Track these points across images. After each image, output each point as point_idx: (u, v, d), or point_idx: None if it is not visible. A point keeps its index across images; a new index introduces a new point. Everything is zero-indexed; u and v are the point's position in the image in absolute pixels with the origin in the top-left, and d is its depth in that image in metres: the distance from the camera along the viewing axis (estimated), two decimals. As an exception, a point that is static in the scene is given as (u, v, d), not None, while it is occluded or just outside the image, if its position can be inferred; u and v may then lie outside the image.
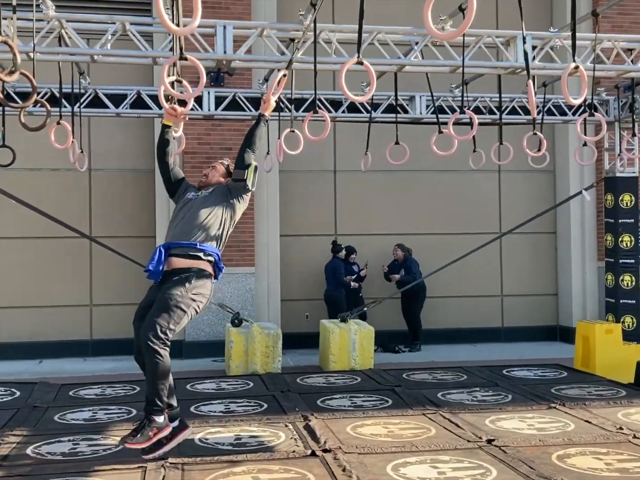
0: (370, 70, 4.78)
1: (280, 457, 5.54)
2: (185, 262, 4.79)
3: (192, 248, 4.82)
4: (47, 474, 5.19)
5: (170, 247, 4.82)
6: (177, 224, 4.96)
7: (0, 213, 10.50)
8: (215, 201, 5.00)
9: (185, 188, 5.21)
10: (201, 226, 4.88)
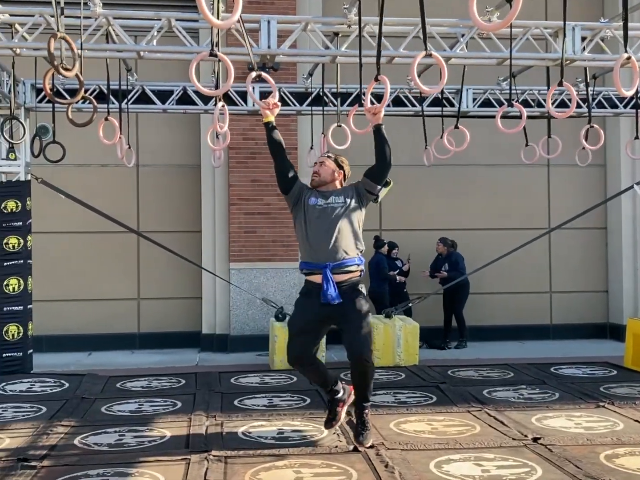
0: (440, 62, 4.75)
1: (323, 452, 5.53)
2: (347, 276, 5.08)
3: (352, 265, 5.08)
4: (93, 464, 5.26)
5: (333, 268, 5.02)
6: (321, 238, 5.03)
7: (51, 208, 10.70)
8: (353, 212, 5.10)
9: (301, 189, 5.19)
10: (349, 240, 5.06)
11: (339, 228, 5.03)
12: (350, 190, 5.20)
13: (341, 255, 5.03)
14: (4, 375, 8.64)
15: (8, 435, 6.10)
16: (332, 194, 5.15)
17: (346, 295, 5.05)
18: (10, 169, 9.00)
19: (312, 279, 5.12)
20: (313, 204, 5.11)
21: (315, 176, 5.20)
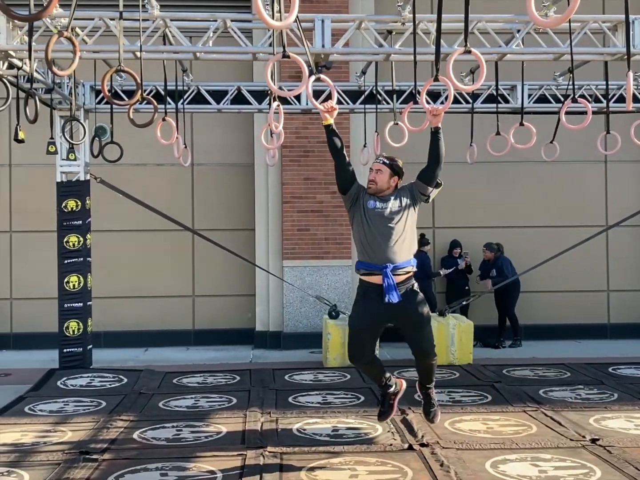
0: (480, 59, 4.70)
1: (378, 449, 5.55)
2: (403, 277, 5.18)
3: (408, 266, 5.21)
4: (152, 458, 5.39)
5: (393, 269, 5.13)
6: (381, 240, 5.12)
7: (108, 207, 10.94)
8: (409, 215, 5.20)
9: (358, 191, 5.25)
10: (406, 243, 5.18)
11: (397, 231, 5.13)
12: (405, 193, 5.25)
13: (399, 257, 5.13)
14: (65, 370, 8.88)
15: (70, 429, 6.28)
16: (390, 197, 5.20)
17: (405, 295, 5.15)
18: (70, 169, 9.23)
19: (370, 280, 5.18)
20: (372, 207, 5.18)
21: (372, 184, 5.22)
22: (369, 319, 5.22)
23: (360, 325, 5.25)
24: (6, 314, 11.55)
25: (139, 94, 5.03)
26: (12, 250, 11.63)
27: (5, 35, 6.44)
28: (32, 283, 11.51)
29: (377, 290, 5.11)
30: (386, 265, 5.08)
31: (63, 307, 9.14)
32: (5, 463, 5.32)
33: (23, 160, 11.47)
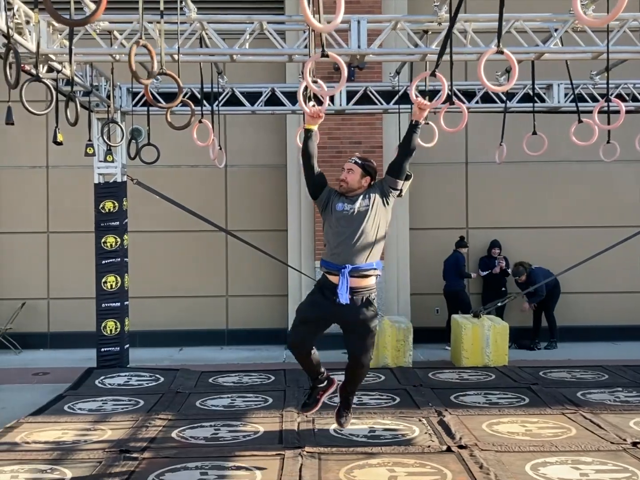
0: (512, 60, 4.66)
1: (416, 451, 5.53)
2: (363, 281, 5.11)
3: (370, 270, 5.10)
4: (191, 457, 5.43)
5: (352, 270, 5.06)
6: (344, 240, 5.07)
7: (145, 208, 11.06)
8: (377, 214, 5.11)
9: (329, 194, 5.23)
10: (372, 244, 5.09)
11: (362, 232, 5.07)
12: (374, 190, 5.18)
13: (360, 259, 5.07)
14: (103, 369, 8.99)
15: (110, 427, 6.35)
16: (358, 197, 5.15)
17: (358, 302, 5.11)
18: (107, 171, 9.35)
19: (330, 278, 5.17)
20: (340, 210, 5.14)
21: (342, 183, 5.19)
22: (317, 313, 5.22)
23: (306, 316, 5.26)
24: (44, 313, 11.73)
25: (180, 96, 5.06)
26: (49, 251, 11.81)
27: (46, 39, 6.55)
28: (69, 283, 11.68)
29: (332, 289, 5.07)
30: (345, 265, 5.04)
31: (101, 306, 9.26)
32: (47, 461, 5.40)
33: (60, 162, 11.64)
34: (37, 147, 11.70)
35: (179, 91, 5.17)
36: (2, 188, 11.80)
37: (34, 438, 6.02)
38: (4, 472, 5.13)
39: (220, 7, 10.77)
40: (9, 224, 11.69)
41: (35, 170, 11.83)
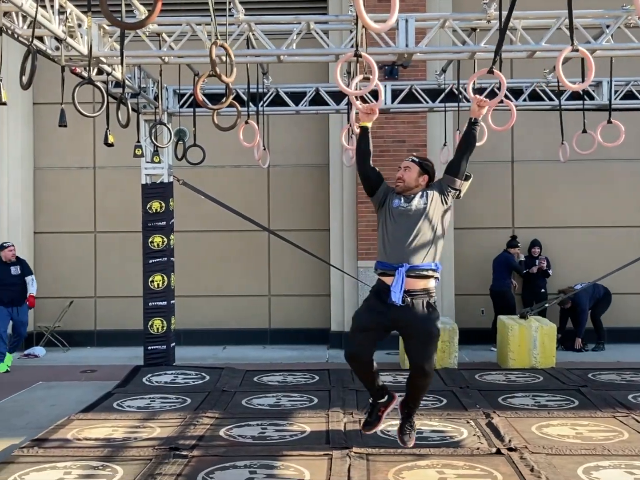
0: (588, 57, 4.58)
1: (465, 453, 5.48)
2: (421, 282, 4.92)
3: (428, 270, 4.93)
4: (239, 456, 5.46)
5: (408, 270, 4.88)
6: (401, 239, 4.93)
7: (189, 208, 11.16)
8: (435, 213, 4.97)
9: (386, 191, 5.13)
10: (429, 243, 4.92)
11: (418, 231, 4.92)
12: (432, 189, 5.06)
13: (417, 258, 4.88)
14: (149, 367, 9.10)
15: (158, 425, 6.42)
16: (415, 196, 5.03)
17: (417, 305, 4.91)
18: (154, 172, 9.47)
19: (385, 280, 4.98)
20: (396, 206, 5.03)
21: (399, 182, 5.08)
22: (373, 319, 4.99)
23: (362, 323, 5.04)
24: (91, 311, 11.92)
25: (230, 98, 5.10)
26: (96, 250, 12.00)
27: (97, 42, 6.65)
28: (115, 282, 11.86)
29: (388, 291, 4.87)
30: (402, 264, 4.85)
31: (148, 305, 9.37)
32: (99, 457, 5.48)
33: (107, 163, 11.83)
34: (85, 148, 11.90)
35: (227, 93, 5.20)
36: (51, 188, 12.03)
37: (85, 435, 6.11)
38: (57, 468, 5.23)
39: (263, 7, 10.84)
40: (57, 223, 11.91)
41: (83, 171, 12.04)
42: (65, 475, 5.08)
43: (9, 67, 10.97)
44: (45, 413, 7.18)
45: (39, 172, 12.05)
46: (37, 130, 11.96)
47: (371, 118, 5.12)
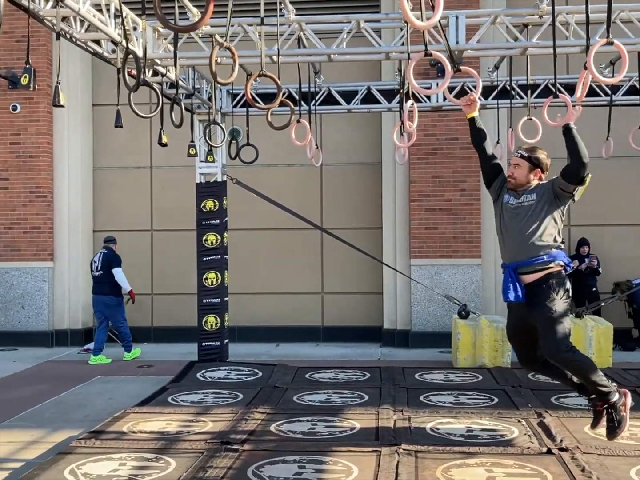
0: (622, 51, 4.51)
1: (515, 452, 5.45)
2: (538, 275, 4.95)
3: (540, 263, 4.95)
4: (289, 451, 5.53)
5: (518, 267, 4.98)
6: (511, 236, 5.01)
7: (242, 206, 11.31)
8: (545, 210, 4.96)
9: (502, 183, 5.19)
10: (540, 239, 4.94)
11: (526, 227, 4.93)
12: (544, 188, 5.03)
13: (528, 254, 4.92)
14: (203, 363, 9.27)
15: (211, 419, 6.56)
16: (525, 192, 5.03)
17: (535, 294, 4.92)
18: (208, 171, 9.63)
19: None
20: (506, 202, 5.08)
21: (511, 179, 5.08)
22: (514, 320, 5.21)
23: (509, 328, 5.29)
24: (147, 308, 12.19)
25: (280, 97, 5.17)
26: (152, 248, 12.27)
27: (152, 44, 6.81)
28: (171, 279, 12.10)
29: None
30: (511, 264, 4.98)
31: (202, 302, 9.54)
32: (153, 450, 5.62)
33: (162, 163, 12.08)
34: (142, 148, 12.17)
35: (278, 92, 5.27)
36: (109, 188, 12.35)
37: (140, 428, 6.28)
38: (112, 459, 5.39)
39: (315, 7, 10.91)
40: (115, 222, 12.21)
41: (139, 171, 12.32)
42: (120, 466, 5.24)
43: (69, 71, 11.47)
44: (102, 406, 7.40)
45: (97, 172, 12.38)
46: (96, 131, 12.30)
47: (473, 108, 5.13)
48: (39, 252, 11.72)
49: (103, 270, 10.15)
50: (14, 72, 11.43)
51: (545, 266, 4.96)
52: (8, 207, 11.72)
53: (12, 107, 11.60)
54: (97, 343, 10.14)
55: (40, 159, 11.67)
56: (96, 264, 10.26)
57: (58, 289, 11.82)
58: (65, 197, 11.93)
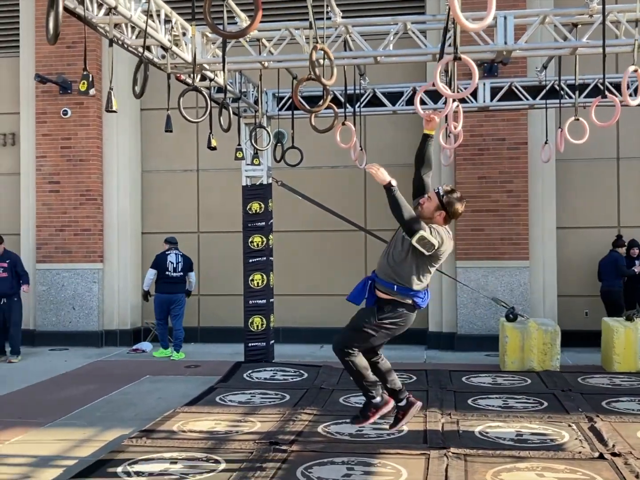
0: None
1: (566, 457, 5.38)
2: (384, 295, 5.04)
3: (389, 290, 4.98)
4: (337, 452, 5.55)
5: (375, 280, 5.07)
6: (384, 255, 5.09)
7: (288, 208, 11.37)
8: (407, 245, 4.86)
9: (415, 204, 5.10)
10: (396, 269, 4.93)
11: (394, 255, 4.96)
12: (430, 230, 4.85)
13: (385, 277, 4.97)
14: (250, 363, 9.34)
15: (259, 420, 6.61)
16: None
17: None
18: (254, 173, 9.72)
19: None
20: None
21: (418, 207, 5.02)
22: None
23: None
24: (194, 309, 12.34)
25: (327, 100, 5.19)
26: (199, 250, 12.41)
27: (200, 49, 6.90)
28: (217, 280, 12.22)
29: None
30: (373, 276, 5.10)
31: (248, 303, 9.62)
32: (203, 449, 5.69)
33: (209, 166, 12.22)
34: (189, 151, 12.33)
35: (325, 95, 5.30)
36: (157, 190, 12.53)
37: (190, 427, 6.36)
38: (164, 458, 5.47)
39: (360, 9, 10.91)
40: (163, 224, 12.39)
41: (186, 174, 12.48)
42: (171, 465, 5.32)
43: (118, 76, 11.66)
44: (152, 405, 7.51)
45: (145, 175, 12.58)
46: (144, 135, 12.49)
47: (432, 126, 5.03)
48: (89, 253, 11.96)
49: (183, 272, 10.70)
50: (64, 78, 11.70)
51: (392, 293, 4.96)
52: (59, 209, 11.99)
53: (62, 112, 11.87)
54: (165, 339, 10.81)
55: (91, 163, 11.91)
56: (173, 264, 10.59)
57: (107, 290, 12.04)
58: (115, 199, 12.15)
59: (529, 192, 11.00)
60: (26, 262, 11.97)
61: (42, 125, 11.99)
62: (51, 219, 12.01)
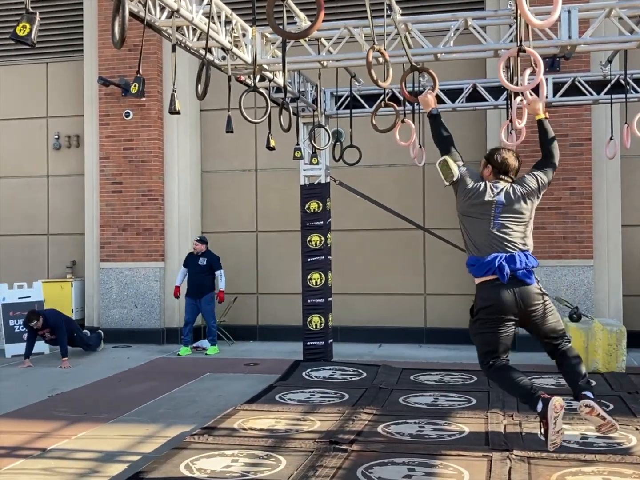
0: None
1: (634, 461, 5.24)
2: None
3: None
4: (398, 453, 5.51)
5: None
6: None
7: (346, 207, 11.37)
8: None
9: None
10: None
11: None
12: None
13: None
14: (308, 362, 9.38)
15: (318, 419, 6.62)
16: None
17: None
18: (312, 173, 9.74)
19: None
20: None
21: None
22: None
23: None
24: (253, 307, 12.46)
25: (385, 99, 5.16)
26: (258, 249, 12.52)
27: (260, 50, 6.94)
28: (276, 279, 12.31)
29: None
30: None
31: (306, 302, 9.65)
32: (264, 447, 5.72)
33: (267, 165, 12.31)
34: (247, 151, 12.44)
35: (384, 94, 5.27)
36: (216, 190, 12.69)
37: (250, 425, 6.41)
38: (225, 456, 5.52)
39: (419, 5, 10.82)
40: (222, 223, 12.55)
41: (245, 173, 12.60)
42: (232, 463, 5.37)
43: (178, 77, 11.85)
44: (212, 402, 7.61)
45: (205, 175, 12.75)
46: (204, 136, 12.66)
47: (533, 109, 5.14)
48: (151, 252, 12.19)
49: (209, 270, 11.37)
50: (126, 80, 11.93)
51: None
52: (122, 209, 12.25)
53: (125, 114, 12.11)
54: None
55: (152, 164, 12.13)
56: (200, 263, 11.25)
57: (169, 288, 12.23)
58: (175, 199, 12.34)
59: (593, 189, 10.75)
60: (90, 261, 12.31)
61: (105, 127, 12.27)
62: (114, 218, 12.28)
